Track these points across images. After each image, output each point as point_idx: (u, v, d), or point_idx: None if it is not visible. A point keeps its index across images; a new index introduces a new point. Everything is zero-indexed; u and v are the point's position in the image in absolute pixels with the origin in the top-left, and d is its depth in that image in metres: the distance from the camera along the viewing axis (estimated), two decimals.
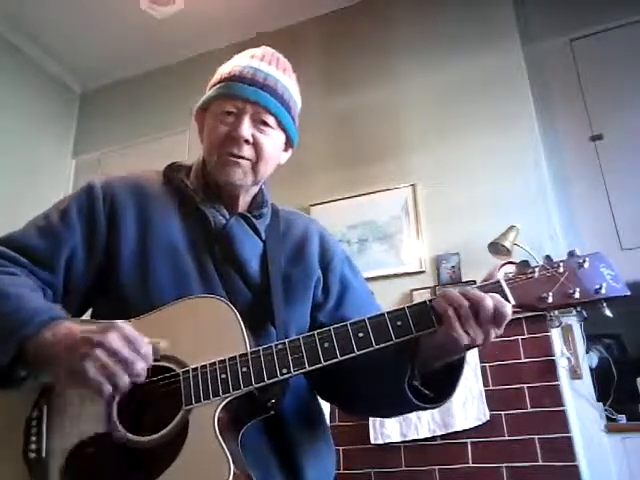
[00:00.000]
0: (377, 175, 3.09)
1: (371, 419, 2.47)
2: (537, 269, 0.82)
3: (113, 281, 0.95)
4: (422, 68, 3.23)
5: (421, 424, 2.39)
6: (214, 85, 1.04)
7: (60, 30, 3.77)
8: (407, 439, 2.40)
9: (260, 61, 1.02)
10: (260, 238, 1.05)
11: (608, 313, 0.79)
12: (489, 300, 0.77)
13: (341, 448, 2.48)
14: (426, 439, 2.38)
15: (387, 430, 2.44)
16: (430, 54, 3.24)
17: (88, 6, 3.55)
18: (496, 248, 2.50)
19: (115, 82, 4.21)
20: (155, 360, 0.83)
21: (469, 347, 0.80)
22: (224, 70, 1.04)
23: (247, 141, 0.98)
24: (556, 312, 0.82)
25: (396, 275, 2.85)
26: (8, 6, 3.54)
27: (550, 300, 0.79)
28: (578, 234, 2.75)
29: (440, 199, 2.91)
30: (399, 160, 3.08)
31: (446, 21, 3.27)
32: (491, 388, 2.37)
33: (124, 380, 0.76)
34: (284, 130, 1.05)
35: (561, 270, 0.81)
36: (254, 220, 1.05)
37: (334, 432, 2.78)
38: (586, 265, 0.81)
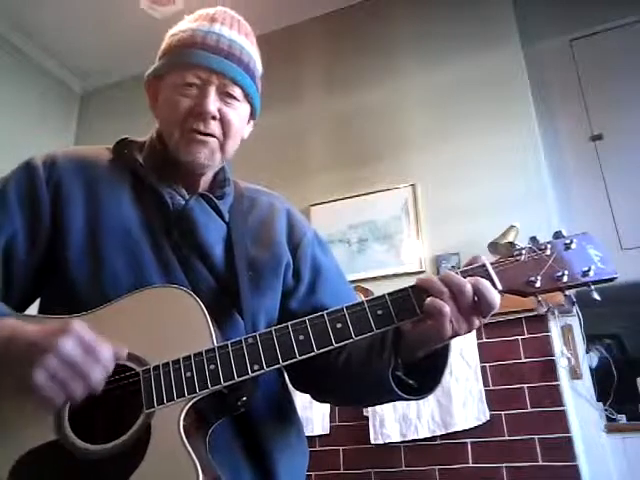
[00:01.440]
0: (377, 175, 3.08)
1: (371, 419, 2.46)
2: (524, 251, 0.78)
3: (61, 271, 0.85)
4: (422, 68, 3.23)
5: (421, 424, 2.39)
6: (169, 51, 0.93)
7: (60, 30, 3.77)
8: (407, 439, 2.39)
9: (221, 25, 0.92)
10: (223, 220, 0.95)
11: (596, 296, 0.75)
12: (469, 286, 0.72)
13: (341, 448, 2.48)
14: (426, 439, 2.37)
15: (387, 430, 2.43)
16: (430, 54, 3.24)
17: (88, 6, 3.55)
18: (496, 248, 2.50)
19: (115, 82, 4.21)
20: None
21: (452, 336, 0.75)
22: (182, 34, 0.92)
23: (214, 117, 0.89)
24: (544, 296, 0.78)
25: (396, 275, 2.85)
26: (8, 6, 3.54)
27: (538, 284, 0.76)
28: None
29: (440, 199, 2.91)
30: (399, 160, 3.08)
31: (446, 21, 3.26)
32: (491, 388, 2.37)
33: (78, 392, 0.68)
34: (250, 102, 0.96)
35: (548, 252, 0.78)
36: (216, 200, 0.95)
37: (334, 432, 2.76)
38: (573, 246, 0.78)
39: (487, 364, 2.41)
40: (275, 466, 0.86)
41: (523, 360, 2.36)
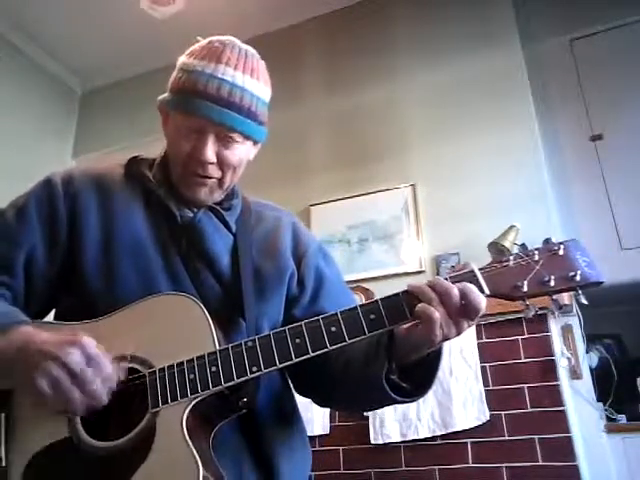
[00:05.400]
0: (377, 175, 3.08)
1: (371, 419, 2.46)
2: (512, 257, 0.80)
3: (77, 281, 0.91)
4: (422, 68, 3.23)
5: (421, 424, 2.39)
6: (177, 89, 0.93)
7: (60, 30, 3.77)
8: (407, 439, 2.39)
9: (226, 66, 0.91)
10: (230, 231, 1.00)
11: (584, 301, 0.78)
12: (455, 290, 0.75)
13: (341, 448, 2.48)
14: (426, 439, 2.37)
15: (387, 430, 2.43)
16: (430, 54, 3.24)
17: (88, 6, 3.55)
18: (496, 248, 2.50)
19: (115, 82, 4.21)
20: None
21: (443, 340, 0.78)
22: (188, 76, 0.92)
23: (211, 162, 0.93)
24: (532, 302, 0.80)
25: (396, 275, 2.85)
26: (9, 6, 3.54)
27: (525, 289, 0.78)
28: (578, 234, 2.74)
29: (440, 199, 2.91)
30: (399, 160, 3.08)
31: (446, 21, 3.26)
32: (491, 388, 2.37)
33: (77, 402, 0.72)
34: (250, 139, 0.99)
35: (536, 258, 0.80)
36: (223, 212, 1.00)
37: (334, 432, 2.76)
38: (561, 252, 0.80)
39: (487, 364, 2.41)
40: (279, 467, 0.89)
41: (523, 360, 2.36)
